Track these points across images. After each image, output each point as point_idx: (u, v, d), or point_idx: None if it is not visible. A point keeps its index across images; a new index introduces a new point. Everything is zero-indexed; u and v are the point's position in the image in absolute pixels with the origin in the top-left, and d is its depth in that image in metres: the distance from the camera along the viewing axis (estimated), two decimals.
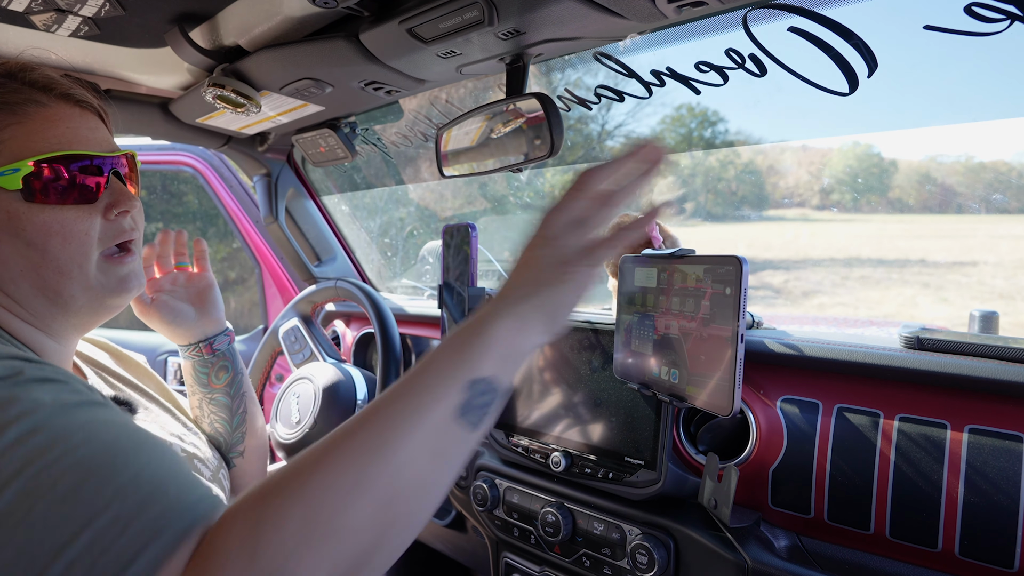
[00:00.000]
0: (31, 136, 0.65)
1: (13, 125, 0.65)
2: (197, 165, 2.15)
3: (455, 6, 0.77)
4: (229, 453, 1.03)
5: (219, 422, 1.02)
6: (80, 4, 0.88)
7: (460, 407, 0.51)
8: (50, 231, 0.66)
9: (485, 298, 1.17)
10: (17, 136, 0.65)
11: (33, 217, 0.65)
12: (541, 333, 0.56)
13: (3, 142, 0.64)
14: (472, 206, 2.89)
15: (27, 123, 0.66)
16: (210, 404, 1.02)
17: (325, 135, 1.38)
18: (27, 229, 0.65)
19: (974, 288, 3.16)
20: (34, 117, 0.66)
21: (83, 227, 0.68)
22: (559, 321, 0.57)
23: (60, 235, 0.67)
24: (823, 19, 0.71)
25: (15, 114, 0.65)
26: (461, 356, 0.53)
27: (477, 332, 0.54)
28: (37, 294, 0.67)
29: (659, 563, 0.93)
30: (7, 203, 0.65)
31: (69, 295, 0.68)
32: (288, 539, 0.43)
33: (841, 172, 2.86)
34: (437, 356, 0.54)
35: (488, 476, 1.20)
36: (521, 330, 0.55)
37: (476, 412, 0.52)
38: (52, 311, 0.69)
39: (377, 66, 0.97)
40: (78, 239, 0.68)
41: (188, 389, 1.04)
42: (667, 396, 0.88)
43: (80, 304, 0.70)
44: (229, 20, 0.98)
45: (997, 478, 0.74)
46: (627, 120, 2.94)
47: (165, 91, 1.29)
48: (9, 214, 0.65)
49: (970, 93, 1.19)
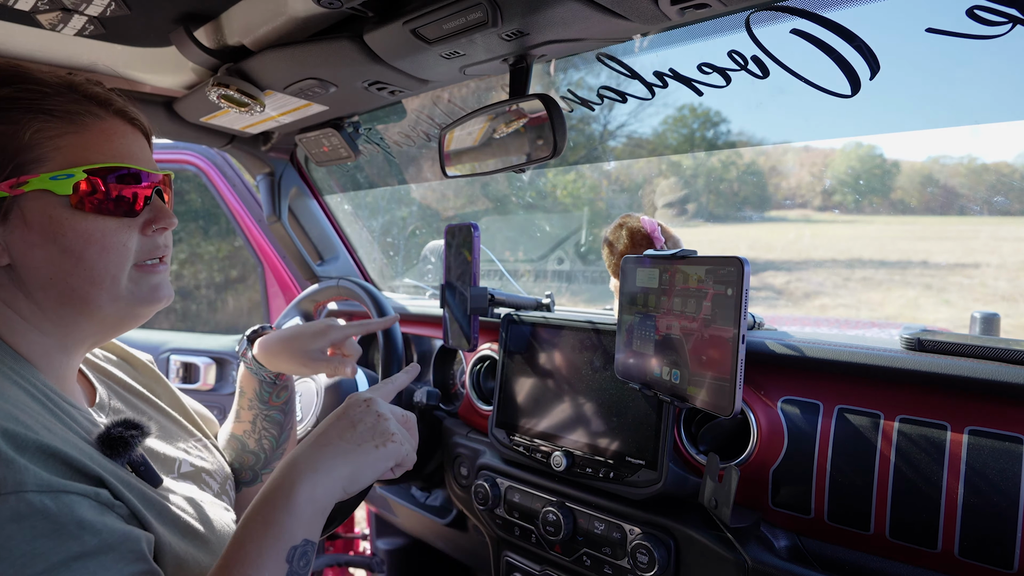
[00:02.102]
0: (86, 146, 0.68)
1: (70, 134, 0.67)
2: (200, 164, 2.16)
3: (459, 7, 0.77)
4: (263, 469, 1.03)
5: (268, 439, 1.03)
6: (86, 3, 0.89)
7: None
8: (90, 239, 0.67)
9: (487, 296, 1.17)
10: (73, 145, 0.67)
11: (76, 224, 0.67)
12: (343, 485, 0.66)
13: (58, 149, 0.66)
14: (474, 205, 2.90)
15: (84, 133, 0.68)
16: (265, 421, 1.02)
17: (328, 135, 1.39)
18: (67, 235, 0.66)
19: (976, 290, 3.16)
20: (91, 128, 0.68)
21: (122, 239, 0.70)
22: (362, 479, 0.68)
23: (99, 244, 0.68)
24: (825, 21, 0.71)
25: (73, 123, 0.67)
26: (276, 533, 0.61)
27: (284, 504, 0.62)
28: (64, 303, 0.68)
29: (659, 562, 0.93)
30: (51, 208, 0.66)
31: (96, 305, 0.69)
32: None
33: (843, 173, 2.86)
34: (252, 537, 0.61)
35: (489, 475, 1.21)
36: (324, 483, 0.65)
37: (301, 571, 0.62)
38: (75, 319, 0.70)
39: (381, 66, 0.97)
40: (116, 250, 0.69)
41: (243, 404, 1.03)
42: (668, 396, 0.88)
43: (106, 313, 0.71)
44: (234, 20, 0.98)
45: (997, 479, 0.75)
46: (629, 120, 2.94)
47: (169, 90, 1.30)
48: (52, 219, 0.66)
49: (972, 95, 1.19)
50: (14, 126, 0.64)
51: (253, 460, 1.03)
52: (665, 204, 2.74)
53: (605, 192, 3.14)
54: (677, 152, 3.43)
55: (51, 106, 0.66)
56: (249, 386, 1.02)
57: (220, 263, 3.73)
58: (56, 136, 0.66)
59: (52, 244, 0.66)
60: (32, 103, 0.65)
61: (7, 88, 0.65)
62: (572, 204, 3.06)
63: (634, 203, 3.21)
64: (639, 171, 3.18)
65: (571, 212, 2.99)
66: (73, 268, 0.67)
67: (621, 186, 3.21)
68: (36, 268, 0.66)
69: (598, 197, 3.12)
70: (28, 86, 0.66)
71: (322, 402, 1.30)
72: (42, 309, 0.68)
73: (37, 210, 0.65)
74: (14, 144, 0.64)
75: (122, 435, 0.66)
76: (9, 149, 0.64)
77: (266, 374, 1.01)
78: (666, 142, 2.96)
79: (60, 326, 0.70)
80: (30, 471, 0.54)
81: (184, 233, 3.57)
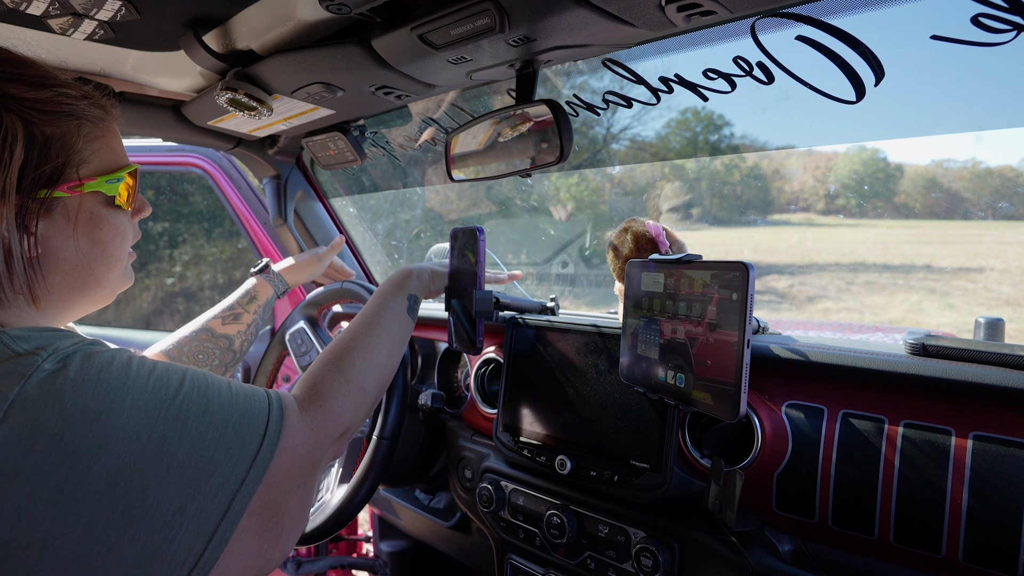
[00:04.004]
0: (112, 149, 0.75)
1: (100, 138, 0.73)
2: (206, 166, 2.17)
3: (467, 14, 0.78)
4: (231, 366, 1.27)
5: (247, 343, 1.29)
6: (96, 8, 0.90)
7: (407, 307, 1.02)
8: (116, 232, 0.75)
9: (492, 300, 1.18)
10: (104, 148, 0.74)
11: (112, 219, 0.74)
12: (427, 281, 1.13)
13: (96, 152, 0.72)
14: (477, 208, 2.90)
15: (107, 137, 0.75)
16: (255, 327, 1.31)
17: (335, 138, 1.39)
18: (104, 229, 0.73)
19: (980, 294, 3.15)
20: (110, 131, 0.75)
21: (130, 228, 0.79)
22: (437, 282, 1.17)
23: (121, 235, 0.76)
24: (831, 28, 0.72)
25: (98, 127, 0.73)
26: (400, 288, 1.04)
27: (404, 278, 1.07)
28: (75, 285, 0.73)
29: (664, 566, 0.93)
30: (95, 206, 0.72)
31: (105, 285, 0.77)
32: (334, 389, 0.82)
33: (847, 177, 2.86)
34: (389, 292, 1.03)
35: (494, 478, 1.21)
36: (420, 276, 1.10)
37: (413, 310, 1.03)
38: (75, 299, 0.75)
39: (388, 71, 0.98)
40: (128, 239, 0.79)
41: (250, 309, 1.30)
42: (673, 400, 0.88)
43: (103, 293, 0.78)
44: (242, 25, 0.99)
45: (1002, 485, 0.75)
46: (633, 123, 2.95)
47: (178, 93, 1.31)
48: (92, 215, 0.72)
49: (977, 101, 1.20)
50: (63, 129, 0.69)
51: (231, 358, 1.25)
52: (670, 208, 2.75)
53: (608, 196, 3.15)
54: (680, 156, 3.43)
55: (83, 110, 0.71)
56: (264, 295, 1.33)
57: (223, 265, 3.74)
58: (92, 139, 0.72)
59: (88, 236, 0.72)
60: (72, 107, 0.70)
61: (48, 91, 0.68)
62: (575, 208, 3.07)
63: (638, 207, 3.21)
64: (642, 175, 3.18)
65: (574, 215, 2.99)
66: (99, 256, 0.73)
67: (624, 189, 3.21)
68: (66, 257, 0.71)
69: (601, 200, 3.12)
70: (63, 89, 0.70)
71: None
72: (50, 291, 0.72)
73: (83, 208, 0.71)
74: (68, 147, 0.69)
75: None
76: (65, 152, 0.69)
77: (279, 287, 1.37)
78: (669, 145, 2.97)
79: (59, 305, 0.74)
80: None
81: (188, 235, 3.59)
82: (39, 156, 0.66)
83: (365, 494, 1.14)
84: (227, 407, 0.66)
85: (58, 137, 0.68)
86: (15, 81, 0.66)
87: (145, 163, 2.23)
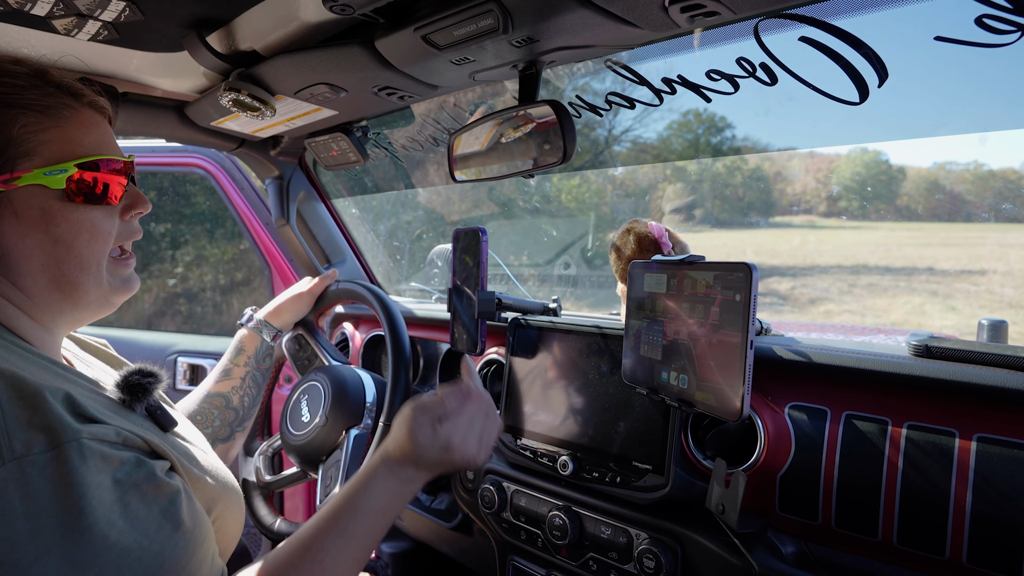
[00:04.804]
0: (70, 140, 0.70)
1: (52, 128, 0.69)
2: (209, 167, 2.18)
3: (470, 14, 0.78)
4: (238, 427, 1.20)
5: (248, 397, 1.22)
6: (100, 9, 0.90)
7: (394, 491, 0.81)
8: (80, 229, 0.70)
9: (494, 300, 1.18)
10: (57, 139, 0.69)
11: (68, 215, 0.69)
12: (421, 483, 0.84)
13: (43, 144, 0.68)
14: (479, 210, 2.90)
15: (64, 127, 0.70)
16: (251, 380, 1.24)
17: (337, 139, 1.40)
18: (60, 226, 0.69)
19: (983, 297, 3.15)
20: (70, 121, 0.70)
21: (107, 227, 0.73)
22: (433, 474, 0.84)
23: (88, 233, 0.71)
24: (834, 29, 0.72)
25: (52, 117, 0.69)
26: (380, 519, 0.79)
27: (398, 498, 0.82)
28: (52, 289, 0.71)
29: (666, 567, 0.93)
30: (43, 201, 0.68)
31: (84, 290, 0.72)
32: None
33: (849, 179, 2.86)
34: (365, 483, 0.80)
35: (495, 479, 1.21)
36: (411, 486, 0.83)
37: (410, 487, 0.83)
38: (62, 305, 0.72)
39: (391, 72, 0.98)
40: (102, 238, 0.72)
41: (239, 363, 1.24)
42: (676, 401, 0.88)
43: (91, 299, 0.74)
44: (246, 26, 0.99)
45: (1006, 487, 0.74)
46: (634, 125, 2.95)
47: (181, 94, 1.31)
48: (43, 211, 0.68)
49: (980, 103, 1.20)
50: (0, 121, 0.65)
51: (232, 416, 1.18)
52: (672, 209, 2.75)
53: (610, 197, 3.15)
54: (682, 158, 3.44)
55: (29, 100, 0.67)
56: (251, 345, 1.26)
57: (226, 266, 3.75)
58: (39, 131, 0.68)
59: (44, 234, 0.69)
60: (11, 97, 0.66)
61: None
62: (577, 209, 3.07)
63: (640, 208, 3.21)
64: (644, 176, 3.18)
65: (576, 217, 2.99)
66: (65, 255, 0.70)
67: (626, 191, 3.21)
68: (27, 257, 0.68)
69: (603, 202, 3.12)
70: (4, 79, 0.67)
71: (330, 402, 1.30)
72: (30, 296, 0.70)
73: (29, 203, 0.67)
74: (2, 140, 0.65)
75: (140, 382, 0.71)
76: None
77: (268, 333, 1.29)
78: (671, 147, 2.97)
79: (46, 311, 0.72)
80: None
81: (190, 236, 3.60)
82: None
83: None
84: None
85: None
86: None
87: (147, 164, 2.24)
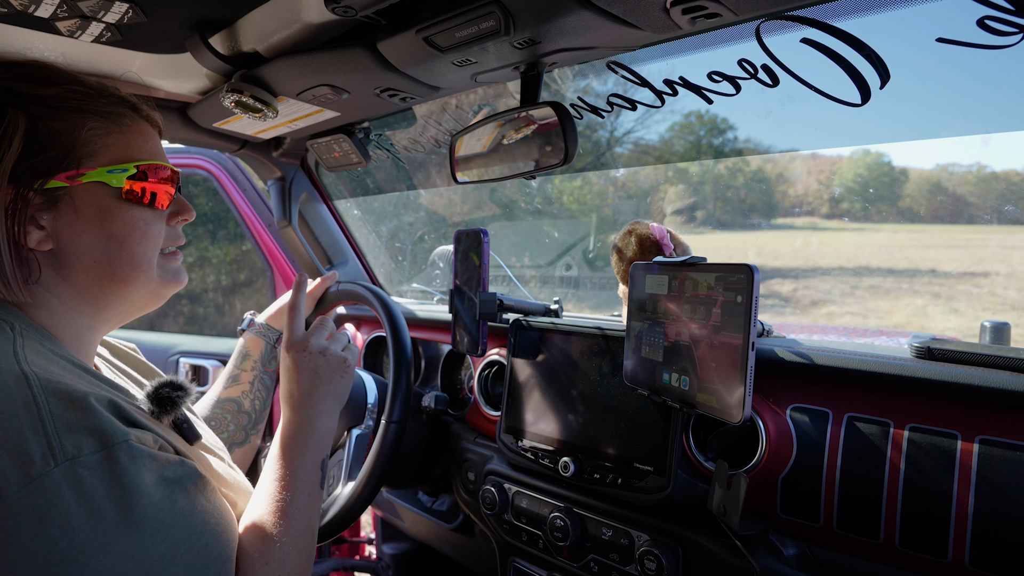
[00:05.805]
0: (129, 146, 0.76)
1: (115, 133, 0.75)
2: (211, 168, 2.18)
3: (472, 16, 0.78)
4: (252, 430, 1.20)
5: (259, 400, 1.23)
6: (104, 11, 0.90)
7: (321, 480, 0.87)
8: (133, 227, 0.75)
9: (496, 302, 1.18)
10: (118, 143, 0.75)
11: (123, 213, 0.74)
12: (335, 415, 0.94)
13: (107, 146, 0.74)
14: (481, 211, 2.91)
15: (125, 133, 0.76)
16: (260, 383, 1.25)
17: (339, 140, 1.40)
18: (115, 223, 0.74)
19: (985, 299, 3.14)
20: (130, 129, 0.77)
21: (156, 229, 0.79)
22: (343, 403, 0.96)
23: (140, 232, 0.76)
24: (836, 31, 0.72)
25: (116, 124, 0.75)
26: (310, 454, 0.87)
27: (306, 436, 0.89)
28: (103, 283, 0.75)
29: (668, 569, 0.93)
30: (102, 198, 0.73)
31: (134, 285, 0.77)
32: None
33: (851, 181, 2.86)
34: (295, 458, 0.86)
35: (497, 480, 1.21)
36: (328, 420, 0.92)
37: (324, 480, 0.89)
38: (110, 299, 0.76)
39: (393, 73, 0.98)
40: (152, 238, 0.78)
41: (246, 367, 1.25)
42: (677, 403, 0.88)
43: (140, 293, 0.78)
44: (248, 27, 0.99)
45: (1008, 489, 0.74)
46: (636, 127, 2.95)
47: (184, 96, 1.31)
48: (101, 208, 0.73)
49: (983, 104, 1.19)
50: (70, 123, 0.71)
51: (246, 420, 1.20)
52: (674, 211, 2.75)
53: (612, 199, 3.15)
54: (684, 159, 3.43)
55: (97, 107, 0.73)
56: (256, 349, 1.26)
57: (228, 267, 3.75)
58: (104, 135, 0.74)
59: (99, 230, 0.73)
60: (81, 103, 0.72)
61: (56, 88, 0.71)
62: (579, 210, 3.07)
63: (641, 209, 3.21)
64: (646, 178, 3.18)
65: (578, 219, 2.99)
66: (117, 252, 0.74)
67: (628, 192, 3.21)
68: (81, 252, 0.72)
69: (605, 204, 3.12)
70: (74, 87, 0.73)
71: None
72: (79, 290, 0.74)
73: (89, 200, 0.72)
74: (71, 140, 0.71)
75: (170, 395, 0.73)
76: (67, 144, 0.70)
77: (271, 336, 1.27)
78: (673, 149, 2.97)
79: (94, 305, 0.76)
80: None
81: (193, 237, 3.60)
82: (39, 148, 0.68)
83: (375, 485, 1.14)
84: None
85: (64, 131, 0.70)
86: (24, 80, 0.70)
87: None
